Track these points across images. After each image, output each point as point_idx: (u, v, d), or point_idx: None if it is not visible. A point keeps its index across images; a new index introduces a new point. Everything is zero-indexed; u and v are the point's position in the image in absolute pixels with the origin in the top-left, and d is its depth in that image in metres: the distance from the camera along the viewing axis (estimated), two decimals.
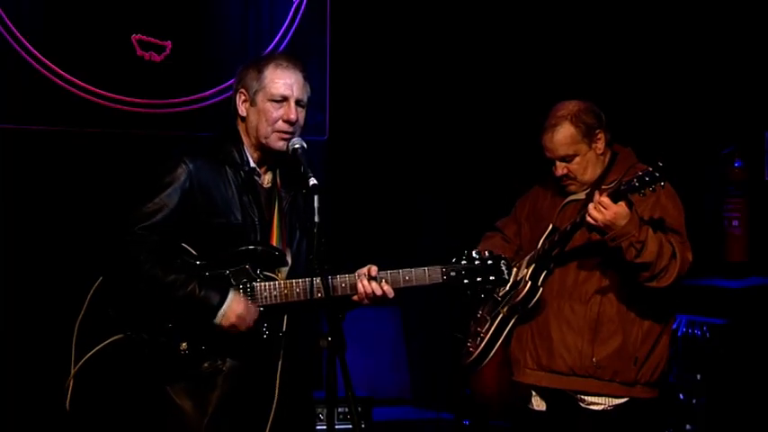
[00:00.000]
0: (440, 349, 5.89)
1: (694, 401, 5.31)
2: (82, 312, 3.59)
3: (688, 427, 5.34)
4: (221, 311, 3.51)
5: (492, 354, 4.21)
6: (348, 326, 3.39)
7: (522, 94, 6.10)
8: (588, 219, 3.86)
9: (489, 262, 3.71)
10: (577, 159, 4.10)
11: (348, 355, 3.23)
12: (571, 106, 4.13)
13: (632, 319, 4.03)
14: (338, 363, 3.23)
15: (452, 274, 3.69)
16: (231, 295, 3.53)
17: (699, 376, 5.27)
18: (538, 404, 4.23)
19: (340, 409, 5.27)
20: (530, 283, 4.09)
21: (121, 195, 3.67)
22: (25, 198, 5.55)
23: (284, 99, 3.63)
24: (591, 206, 3.85)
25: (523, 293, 4.09)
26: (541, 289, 4.09)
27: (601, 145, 4.12)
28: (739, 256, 5.66)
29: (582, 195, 4.14)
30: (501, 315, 4.19)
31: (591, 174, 4.13)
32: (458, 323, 4.46)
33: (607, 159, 4.17)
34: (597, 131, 4.11)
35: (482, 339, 4.21)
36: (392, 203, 6.41)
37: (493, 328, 4.19)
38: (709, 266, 5.67)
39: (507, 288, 4.15)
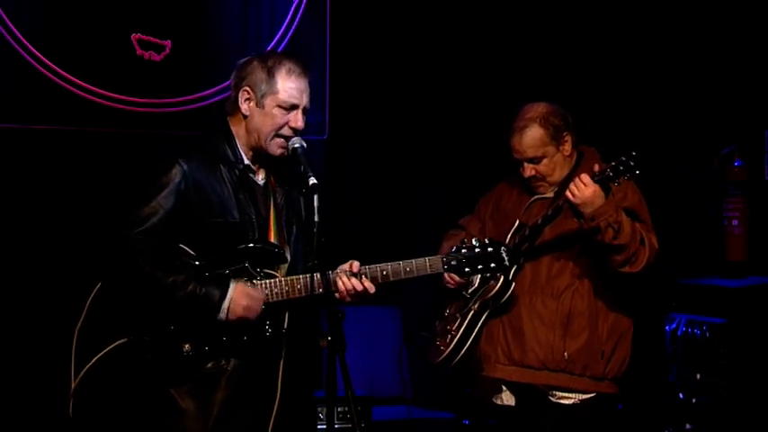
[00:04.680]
0: None
1: (694, 401, 5.31)
2: (81, 318, 3.56)
3: (688, 426, 5.35)
4: (224, 306, 3.49)
5: (464, 350, 4.22)
6: (348, 326, 3.38)
7: (518, 93, 6.08)
8: (567, 194, 3.93)
9: (490, 249, 3.73)
10: (545, 161, 4.17)
11: (348, 354, 3.23)
12: (540, 108, 4.19)
13: (599, 314, 4.11)
14: (338, 362, 3.22)
15: (453, 263, 3.73)
16: (232, 288, 3.52)
17: (699, 376, 5.28)
18: (507, 399, 4.25)
19: (340, 409, 5.26)
20: (502, 278, 4.11)
21: (121, 196, 3.65)
22: (25, 198, 5.54)
23: (294, 107, 3.62)
24: (572, 184, 3.93)
25: (496, 289, 4.12)
26: (514, 284, 4.13)
27: (568, 147, 4.19)
28: (739, 256, 5.65)
29: (550, 194, 4.21)
30: (472, 312, 4.21)
31: (559, 174, 4.20)
32: (425, 322, 4.48)
33: (574, 160, 4.24)
34: (564, 133, 4.17)
35: (453, 337, 4.23)
36: (392, 202, 6.41)
37: (464, 326, 4.22)
38: (709, 266, 5.69)
39: (476, 285, 4.18)
